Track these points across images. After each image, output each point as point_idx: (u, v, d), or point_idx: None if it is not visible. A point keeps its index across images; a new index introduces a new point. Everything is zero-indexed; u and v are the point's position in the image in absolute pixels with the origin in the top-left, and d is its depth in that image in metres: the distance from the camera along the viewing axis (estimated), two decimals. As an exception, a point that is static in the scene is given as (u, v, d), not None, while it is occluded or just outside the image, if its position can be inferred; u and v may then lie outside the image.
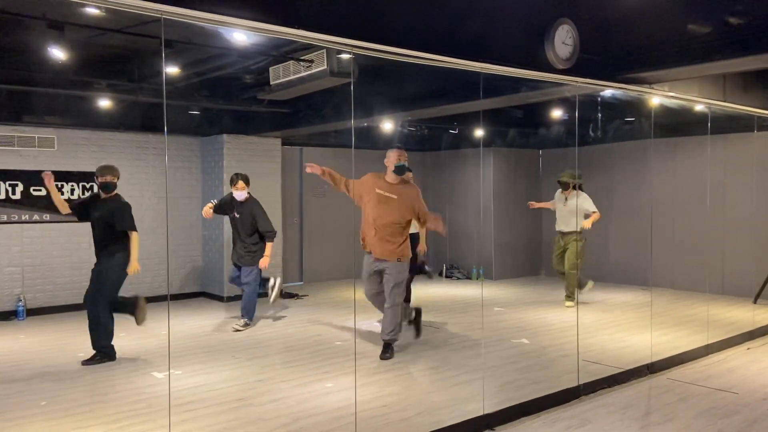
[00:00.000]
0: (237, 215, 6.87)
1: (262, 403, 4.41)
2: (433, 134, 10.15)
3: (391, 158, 5.61)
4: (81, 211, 5.80)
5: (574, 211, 7.64)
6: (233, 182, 6.86)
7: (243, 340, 6.32)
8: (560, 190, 7.95)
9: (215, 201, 7.05)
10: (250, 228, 6.85)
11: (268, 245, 6.86)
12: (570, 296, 7.86)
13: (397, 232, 5.53)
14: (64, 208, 5.74)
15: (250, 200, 6.90)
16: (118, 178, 5.78)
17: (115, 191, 5.75)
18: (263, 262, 6.82)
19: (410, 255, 5.73)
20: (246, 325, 6.81)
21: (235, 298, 8.56)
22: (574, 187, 7.75)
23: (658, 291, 8.83)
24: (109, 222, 5.57)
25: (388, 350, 5.59)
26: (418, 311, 6.12)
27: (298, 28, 3.10)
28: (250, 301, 6.89)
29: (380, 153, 6.07)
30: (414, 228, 7.17)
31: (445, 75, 4.51)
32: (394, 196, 5.53)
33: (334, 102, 7.07)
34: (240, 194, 6.82)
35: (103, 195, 5.72)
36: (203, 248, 9.00)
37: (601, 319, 7.17)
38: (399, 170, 5.56)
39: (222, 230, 8.60)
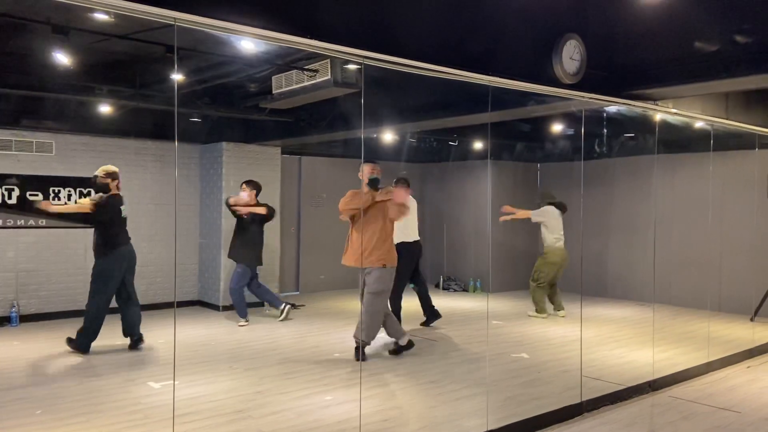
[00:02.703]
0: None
1: (261, 415, 4.34)
2: (432, 146, 10.14)
3: (365, 172, 5.81)
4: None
5: None
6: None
7: (241, 350, 6.25)
8: (554, 207, 8.04)
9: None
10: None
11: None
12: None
13: (377, 237, 5.94)
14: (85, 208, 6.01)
15: None
16: None
17: None
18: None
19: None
20: None
21: (231, 308, 8.49)
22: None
23: (657, 307, 8.83)
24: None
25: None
26: None
27: (310, 38, 3.07)
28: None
29: (384, 163, 6.09)
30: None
31: (449, 87, 4.50)
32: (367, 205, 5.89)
33: (336, 112, 7.05)
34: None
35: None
36: (200, 256, 8.93)
37: (601, 335, 7.14)
38: (372, 183, 5.79)
39: (220, 238, 8.54)
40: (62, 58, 4.94)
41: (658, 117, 5.55)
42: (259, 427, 4.13)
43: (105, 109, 7.13)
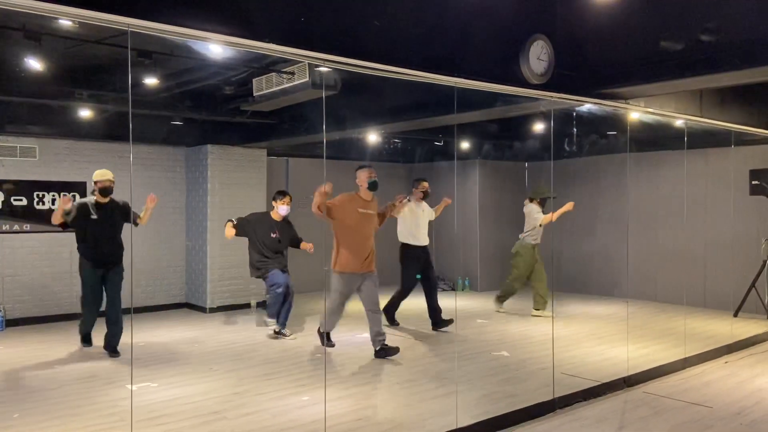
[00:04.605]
0: (275, 235, 6.86)
1: (236, 416, 4.38)
2: (417, 146, 10.18)
3: (363, 177, 5.97)
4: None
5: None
6: (280, 198, 6.93)
7: (223, 351, 6.29)
8: (536, 203, 8.05)
9: (234, 220, 6.87)
10: (288, 243, 7.03)
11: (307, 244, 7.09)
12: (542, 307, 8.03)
13: (372, 243, 5.99)
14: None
15: (285, 218, 7.05)
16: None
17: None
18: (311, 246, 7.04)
19: None
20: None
21: (218, 310, 8.55)
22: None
23: (640, 304, 8.88)
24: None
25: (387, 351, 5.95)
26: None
27: (269, 42, 3.11)
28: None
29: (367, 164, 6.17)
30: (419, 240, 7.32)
31: (425, 89, 4.53)
32: (372, 212, 5.97)
33: (318, 113, 7.08)
34: (285, 209, 6.92)
35: (102, 200, 6.15)
36: (187, 259, 8.96)
37: (581, 332, 7.18)
38: (372, 186, 5.96)
39: (205, 240, 8.57)
40: (41, 63, 4.99)
41: (632, 115, 5.59)
42: (232, 428, 4.16)
43: (86, 113, 7.16)
